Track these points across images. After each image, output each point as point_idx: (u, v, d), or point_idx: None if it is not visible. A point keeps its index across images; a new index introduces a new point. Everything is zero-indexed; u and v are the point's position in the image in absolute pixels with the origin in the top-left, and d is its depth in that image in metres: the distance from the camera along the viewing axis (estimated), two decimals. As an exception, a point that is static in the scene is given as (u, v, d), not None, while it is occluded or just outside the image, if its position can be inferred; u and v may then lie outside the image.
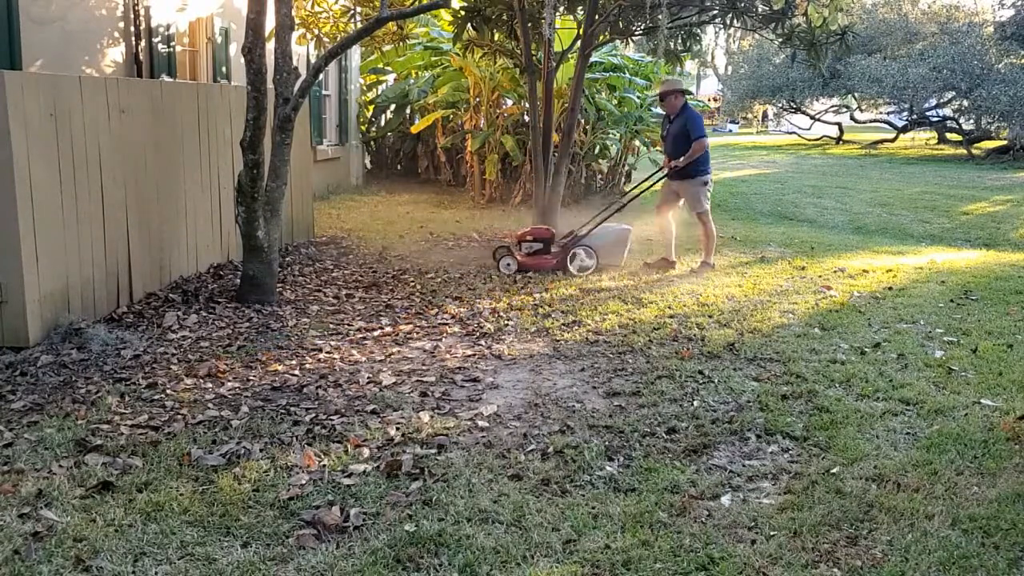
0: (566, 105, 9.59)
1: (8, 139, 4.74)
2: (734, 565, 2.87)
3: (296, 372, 4.84)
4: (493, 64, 11.65)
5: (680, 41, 9.08)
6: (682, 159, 7.62)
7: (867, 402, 4.42)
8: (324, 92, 13.54)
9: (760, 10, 8.33)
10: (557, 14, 9.11)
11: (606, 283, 7.29)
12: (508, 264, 7.74)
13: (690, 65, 28.95)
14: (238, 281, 6.50)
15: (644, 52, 14.61)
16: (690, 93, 9.09)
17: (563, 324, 5.93)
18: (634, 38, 10.18)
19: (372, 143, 15.74)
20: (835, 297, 6.81)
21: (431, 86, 13.28)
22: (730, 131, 43.42)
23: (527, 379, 4.81)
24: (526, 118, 10.99)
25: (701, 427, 4.07)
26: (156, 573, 2.80)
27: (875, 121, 34.12)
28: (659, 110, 13.81)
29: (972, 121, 26.38)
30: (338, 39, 9.17)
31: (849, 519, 3.19)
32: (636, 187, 8.61)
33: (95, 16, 7.77)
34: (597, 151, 13.63)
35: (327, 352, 5.23)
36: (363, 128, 15.45)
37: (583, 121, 12.43)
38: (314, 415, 4.18)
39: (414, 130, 13.48)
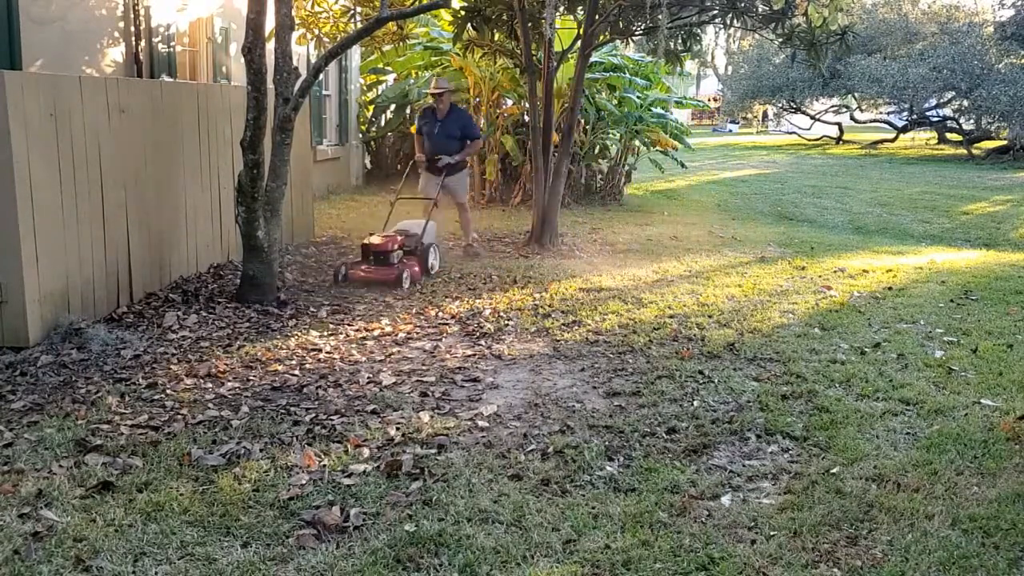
0: (566, 105, 9.59)
1: (8, 139, 4.74)
2: (734, 565, 2.87)
3: (296, 372, 4.85)
4: (493, 64, 11.65)
5: (680, 41, 9.07)
6: (457, 156, 8.15)
7: (867, 402, 4.42)
8: (324, 92, 13.54)
9: (760, 10, 8.32)
10: (557, 14, 9.11)
11: (606, 283, 7.28)
12: (407, 277, 6.95)
13: (690, 65, 28.94)
14: (238, 281, 6.50)
15: (644, 52, 14.61)
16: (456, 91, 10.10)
17: (563, 324, 5.93)
18: (634, 38, 10.18)
19: (372, 143, 15.74)
20: (835, 297, 6.81)
21: (431, 86, 13.26)
22: (730, 131, 43.44)
23: (527, 379, 4.81)
24: (526, 118, 10.98)
25: (701, 427, 4.07)
26: (156, 573, 2.81)
27: (875, 121, 34.15)
28: (659, 110, 13.87)
29: (972, 121, 26.39)
30: (338, 39, 9.17)
31: (849, 519, 3.19)
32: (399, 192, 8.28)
33: (95, 16, 7.77)
34: (597, 151, 13.64)
35: (327, 352, 5.23)
36: (363, 128, 15.45)
37: (583, 121, 12.43)
38: (314, 415, 4.18)
39: (414, 130, 13.47)
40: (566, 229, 9.97)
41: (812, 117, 32.78)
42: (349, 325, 5.87)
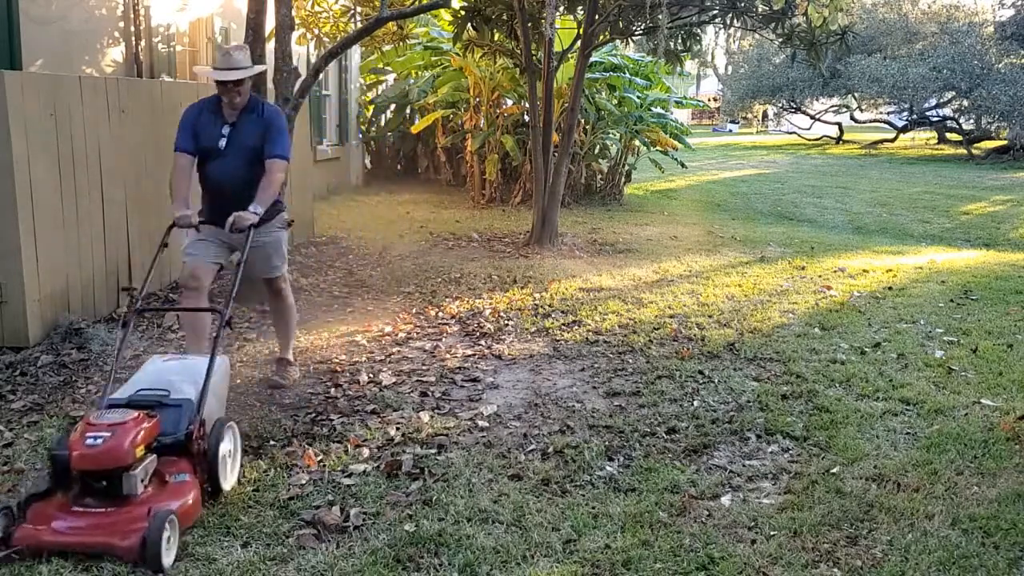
0: (566, 105, 9.59)
1: (8, 139, 4.74)
2: (734, 565, 2.87)
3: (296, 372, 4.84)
4: (493, 64, 11.66)
5: (680, 41, 9.07)
6: (258, 204, 4.07)
7: (867, 402, 4.42)
8: (324, 92, 13.54)
9: (760, 10, 8.32)
10: (557, 14, 9.10)
11: (606, 283, 7.28)
12: (166, 535, 2.88)
13: (690, 65, 28.92)
14: (238, 281, 6.49)
15: (644, 52, 14.61)
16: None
17: (563, 324, 5.93)
18: (634, 38, 10.18)
19: (372, 143, 15.75)
20: (835, 297, 6.81)
21: (431, 86, 13.29)
22: (730, 131, 43.43)
23: (527, 379, 4.81)
24: (526, 118, 10.98)
25: (701, 427, 4.07)
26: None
27: (875, 121, 34.11)
28: (659, 110, 13.85)
29: (972, 121, 26.38)
30: (338, 39, 9.17)
31: (849, 519, 3.19)
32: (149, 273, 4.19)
33: (95, 16, 7.76)
34: (597, 151, 13.64)
35: (327, 352, 5.23)
36: (363, 128, 15.46)
37: (583, 121, 12.43)
38: (314, 415, 4.18)
39: (414, 130, 13.50)
40: (566, 229, 9.97)
41: (812, 117, 32.76)
42: (349, 325, 5.87)
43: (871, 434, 4.00)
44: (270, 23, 6.26)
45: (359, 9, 9.64)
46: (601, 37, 9.32)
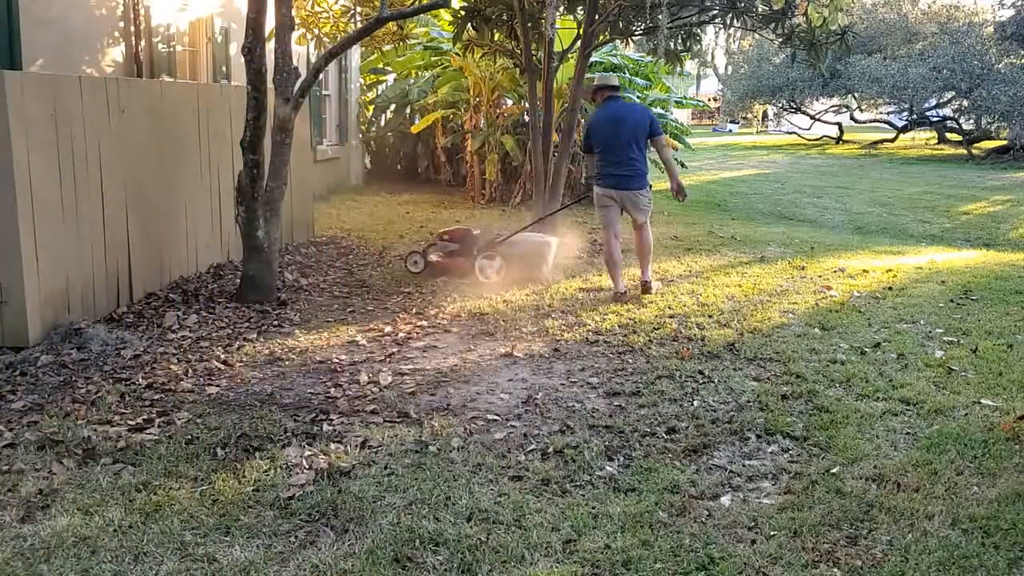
0: (566, 105, 9.59)
1: (8, 139, 4.74)
2: (734, 565, 2.87)
3: (296, 372, 4.84)
4: (493, 64, 11.66)
5: (680, 41, 9.07)
6: None
7: (867, 402, 4.42)
8: (324, 92, 13.54)
9: (760, 10, 8.32)
10: (557, 14, 9.10)
11: (606, 283, 7.28)
12: (416, 262, 7.47)
13: (690, 65, 28.92)
14: (238, 281, 6.50)
15: (644, 52, 14.61)
16: None
17: (563, 324, 5.93)
18: (634, 38, 10.18)
19: (372, 143, 15.75)
20: (835, 297, 6.81)
21: (431, 86, 13.29)
22: (730, 131, 43.44)
23: (527, 379, 4.81)
24: (526, 118, 10.99)
25: (701, 427, 4.07)
26: (156, 573, 2.80)
27: (875, 121, 34.14)
28: (659, 110, 13.83)
29: (972, 121, 26.40)
30: (338, 39, 9.17)
31: (849, 519, 3.19)
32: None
33: (95, 16, 7.76)
34: (597, 151, 13.63)
35: (327, 352, 5.23)
36: (363, 128, 15.46)
37: (583, 121, 12.43)
38: (314, 415, 4.18)
39: (414, 130, 13.50)
40: (566, 229, 9.96)
41: (812, 117, 32.79)
42: (349, 325, 5.87)
43: (871, 434, 4.00)
44: (270, 23, 6.26)
45: (359, 9, 9.63)
46: (601, 37, 9.32)
